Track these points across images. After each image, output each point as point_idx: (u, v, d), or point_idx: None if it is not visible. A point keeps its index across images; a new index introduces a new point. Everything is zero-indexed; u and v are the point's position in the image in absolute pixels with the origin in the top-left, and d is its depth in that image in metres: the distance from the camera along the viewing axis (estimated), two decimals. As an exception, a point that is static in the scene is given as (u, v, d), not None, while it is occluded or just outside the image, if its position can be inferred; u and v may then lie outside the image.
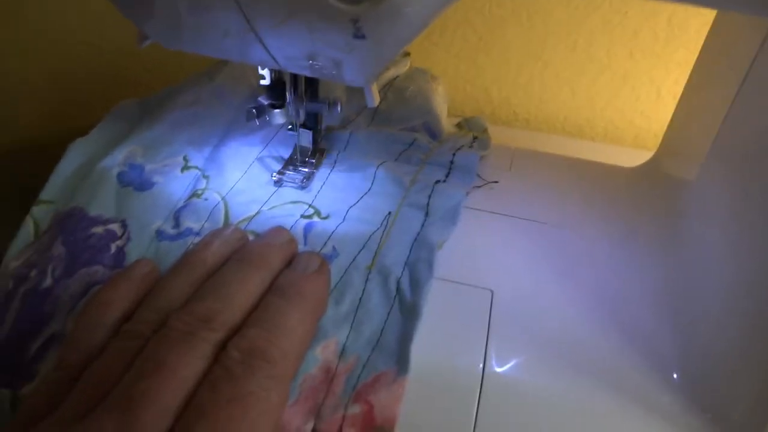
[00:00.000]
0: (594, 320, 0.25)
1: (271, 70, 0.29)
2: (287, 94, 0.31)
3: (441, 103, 0.42)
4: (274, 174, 0.33)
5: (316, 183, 0.34)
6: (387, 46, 0.22)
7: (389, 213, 0.30)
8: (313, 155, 0.35)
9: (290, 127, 0.33)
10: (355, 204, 0.31)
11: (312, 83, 0.32)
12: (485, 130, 0.41)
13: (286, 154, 0.35)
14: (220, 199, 0.31)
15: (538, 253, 0.30)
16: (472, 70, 0.55)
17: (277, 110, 0.31)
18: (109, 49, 0.58)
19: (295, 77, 0.30)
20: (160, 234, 0.28)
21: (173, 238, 0.28)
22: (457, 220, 0.30)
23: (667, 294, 0.26)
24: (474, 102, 0.58)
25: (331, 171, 0.35)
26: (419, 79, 0.42)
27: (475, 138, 0.38)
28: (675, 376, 0.23)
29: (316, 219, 0.30)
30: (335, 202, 0.31)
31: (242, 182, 0.33)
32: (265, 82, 0.30)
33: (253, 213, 0.30)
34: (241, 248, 0.25)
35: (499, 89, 0.56)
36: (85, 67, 0.59)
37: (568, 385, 0.23)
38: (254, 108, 0.32)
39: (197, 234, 0.28)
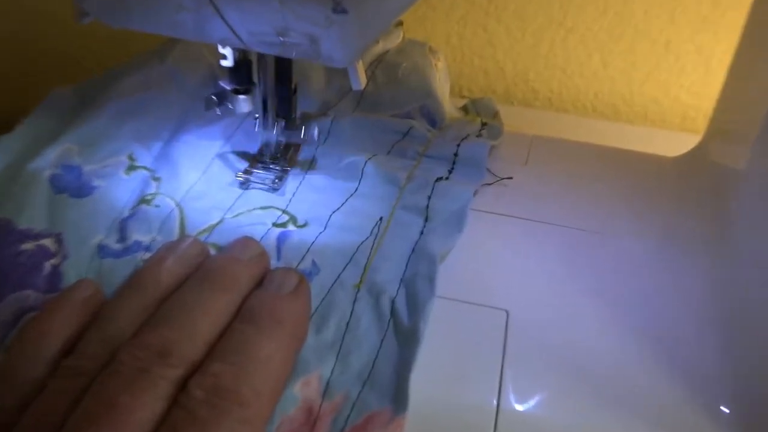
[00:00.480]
0: (629, 346, 0.26)
1: (235, 49, 0.30)
2: (254, 77, 0.32)
3: (442, 82, 0.43)
4: (239, 174, 0.34)
5: (290, 184, 0.34)
6: (374, 19, 0.23)
7: (380, 218, 0.31)
8: (286, 150, 0.35)
9: (258, 116, 0.34)
10: (338, 208, 0.32)
11: (283, 64, 0.32)
12: (496, 114, 0.41)
13: (254, 149, 0.36)
14: (174, 205, 0.31)
15: (561, 264, 0.30)
16: (480, 39, 0.56)
17: (241, 96, 0.32)
18: (43, 27, 0.58)
19: (263, 57, 0.31)
20: (102, 249, 0.28)
21: (119, 254, 0.28)
22: (463, 226, 0.31)
23: (715, 313, 0.27)
24: (483, 79, 0.58)
25: (308, 168, 0.35)
26: (414, 53, 0.43)
27: (484, 124, 0.39)
28: (725, 410, 0.24)
29: (291, 227, 0.31)
30: (314, 206, 0.32)
31: (200, 184, 0.33)
32: (227, 63, 0.30)
33: (214, 222, 0.31)
34: (201, 265, 0.26)
35: (514, 62, 0.57)
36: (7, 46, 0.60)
37: (597, 423, 0.23)
38: (214, 94, 0.32)
39: (147, 248, 0.29)
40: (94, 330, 0.22)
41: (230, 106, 0.33)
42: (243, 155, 0.36)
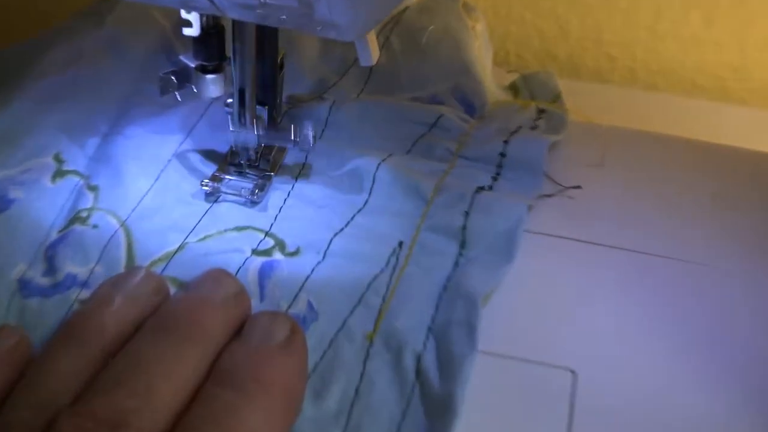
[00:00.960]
0: (739, 421, 0.27)
1: (202, 14, 0.31)
2: (227, 50, 0.33)
3: (482, 51, 0.44)
4: (205, 181, 0.34)
5: (275, 195, 0.35)
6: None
7: (400, 244, 0.32)
8: (268, 149, 0.36)
9: (230, 101, 0.35)
10: (341, 230, 0.33)
11: (265, 32, 0.34)
12: (558, 97, 0.42)
13: (224, 148, 0.37)
14: (117, 225, 0.32)
15: (651, 307, 0.31)
16: (533, -12, 0.57)
17: (210, 76, 0.33)
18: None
19: (239, 24, 0.32)
20: (25, 285, 0.29)
21: (47, 291, 0.29)
22: (513, 255, 0.32)
23: None
24: (538, 42, 0.59)
25: (299, 174, 0.35)
26: (444, 11, 0.44)
27: (541, 112, 0.40)
28: None
29: (278, 256, 0.32)
30: (308, 226, 0.33)
31: (153, 196, 0.34)
32: (192, 31, 0.31)
33: (173, 248, 0.32)
34: (159, 308, 0.27)
35: (581, 19, 0.57)
36: None
37: None
38: (173, 73, 0.33)
39: (85, 284, 0.30)
40: (22, 392, 0.23)
41: (194, 89, 0.34)
42: (210, 155, 0.36)
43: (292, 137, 0.35)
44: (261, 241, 0.33)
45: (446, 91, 0.40)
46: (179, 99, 0.34)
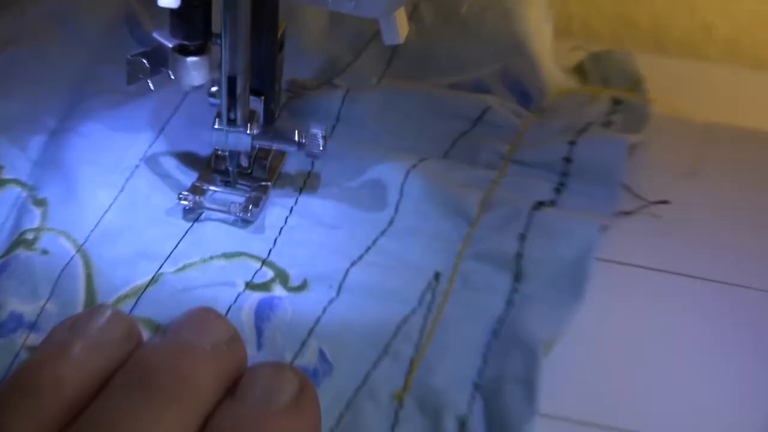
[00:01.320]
0: None
1: None
2: (214, 26, 0.34)
3: (539, 22, 0.44)
4: (184, 194, 0.36)
5: (274, 212, 0.36)
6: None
7: (436, 275, 0.33)
8: (265, 152, 0.37)
9: (216, 89, 0.35)
10: (360, 257, 0.34)
11: (263, 2, 0.34)
12: (639, 83, 0.42)
13: (207, 150, 0.37)
14: (73, 250, 0.33)
15: (745, 356, 0.32)
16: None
17: (191, 59, 0.34)
18: None
19: None
20: None
21: None
22: (583, 290, 0.33)
23: None
24: (611, 7, 0.59)
25: (303, 185, 0.37)
26: None
27: (617, 103, 0.40)
28: None
29: (279, 291, 0.32)
30: (318, 253, 0.34)
31: (117, 213, 0.35)
32: (170, 2, 0.32)
33: (144, 281, 0.32)
34: (130, 358, 0.27)
35: None
36: None
37: None
38: (144, 55, 0.34)
39: (33, 327, 0.30)
40: None
41: (171, 76, 0.35)
42: (189, 160, 0.37)
43: (296, 138, 0.35)
44: (257, 271, 0.33)
45: (493, 76, 0.41)
46: (152, 88, 0.35)
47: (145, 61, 0.35)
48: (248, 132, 0.36)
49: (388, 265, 0.34)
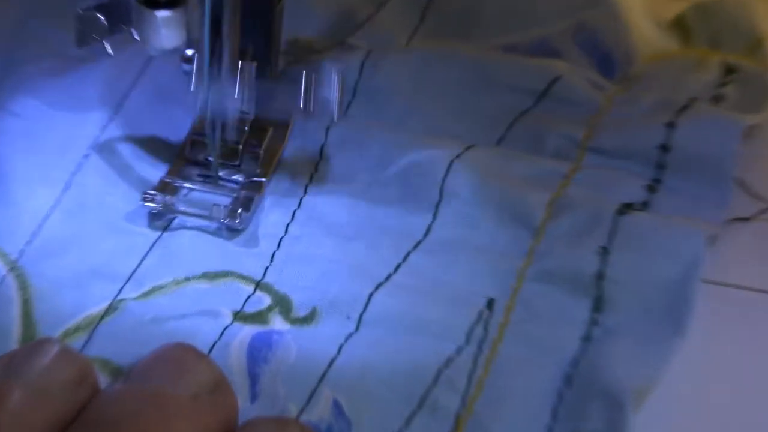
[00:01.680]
0: None
1: None
2: None
3: None
4: (149, 193, 0.33)
5: (270, 217, 0.33)
6: None
7: (489, 302, 0.31)
8: (258, 133, 0.34)
9: (190, 53, 0.33)
10: (388, 277, 0.31)
11: None
12: (759, 44, 0.39)
13: (179, 133, 0.35)
14: (4, 268, 0.31)
15: None
16: None
17: (161, 13, 0.31)
18: None
19: None
20: None
21: None
22: (686, 321, 0.30)
23: None
24: None
25: (310, 178, 0.34)
26: None
27: (730, 71, 0.37)
28: None
29: (278, 324, 0.30)
30: (330, 272, 0.32)
31: (61, 218, 0.33)
32: None
33: (100, 309, 0.30)
34: (85, 409, 0.26)
35: None
36: None
37: None
38: (99, 9, 0.30)
39: None
40: None
41: (134, 35, 0.32)
42: (155, 146, 0.34)
43: (302, 103, 0.33)
44: (249, 297, 0.31)
45: (564, 34, 0.38)
46: (110, 52, 0.31)
47: (100, 16, 0.32)
48: (236, 95, 0.33)
49: (425, 290, 0.31)
